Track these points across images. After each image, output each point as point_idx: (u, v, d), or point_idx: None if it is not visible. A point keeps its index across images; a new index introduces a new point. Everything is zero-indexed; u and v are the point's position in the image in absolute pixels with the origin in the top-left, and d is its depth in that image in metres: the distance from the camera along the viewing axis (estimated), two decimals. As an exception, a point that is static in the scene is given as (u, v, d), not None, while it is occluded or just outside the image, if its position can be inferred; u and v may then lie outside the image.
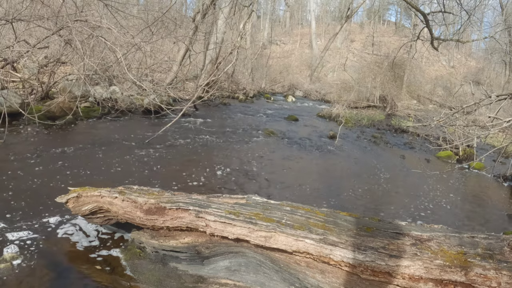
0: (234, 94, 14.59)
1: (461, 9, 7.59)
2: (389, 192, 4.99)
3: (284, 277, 2.01)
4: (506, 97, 4.27)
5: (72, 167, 4.18)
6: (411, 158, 7.34)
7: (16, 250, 2.40)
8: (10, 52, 6.03)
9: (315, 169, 5.65)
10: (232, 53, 11.60)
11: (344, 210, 2.98)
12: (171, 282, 2.19)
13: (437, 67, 29.07)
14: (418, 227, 1.99)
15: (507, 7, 18.58)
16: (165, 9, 10.16)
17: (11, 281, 2.10)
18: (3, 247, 2.42)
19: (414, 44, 12.89)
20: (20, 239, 2.54)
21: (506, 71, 22.74)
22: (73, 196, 2.61)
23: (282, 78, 22.53)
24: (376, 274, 1.78)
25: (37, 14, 6.14)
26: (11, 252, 2.35)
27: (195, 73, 13.84)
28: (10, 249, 2.40)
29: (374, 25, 33.58)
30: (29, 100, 6.40)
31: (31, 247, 2.46)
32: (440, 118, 5.14)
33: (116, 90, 8.17)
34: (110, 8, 6.81)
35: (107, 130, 6.26)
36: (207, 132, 7.18)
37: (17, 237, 2.57)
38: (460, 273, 1.64)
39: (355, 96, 15.29)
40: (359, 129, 10.30)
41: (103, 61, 7.78)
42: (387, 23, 39.46)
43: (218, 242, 2.25)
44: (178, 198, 2.37)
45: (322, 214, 2.11)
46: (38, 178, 3.72)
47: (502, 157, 7.62)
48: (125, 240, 2.68)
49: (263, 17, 34.08)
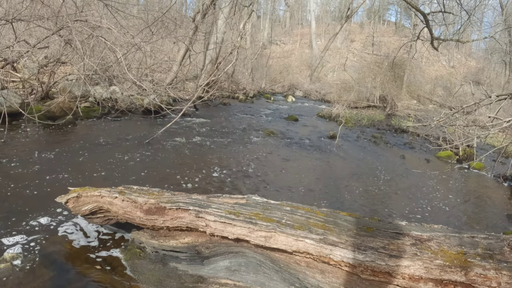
0: (234, 94, 14.59)
1: (461, 9, 7.59)
2: (389, 192, 4.99)
3: (284, 277, 2.01)
4: (506, 97, 4.27)
5: (72, 167, 4.17)
6: (411, 158, 7.34)
7: (16, 250, 2.40)
8: (10, 52, 6.03)
9: (315, 169, 5.65)
10: (232, 53, 11.61)
11: (344, 210, 2.98)
12: (171, 282, 2.19)
13: (437, 67, 29.07)
14: (418, 227, 1.99)
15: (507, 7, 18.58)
16: (165, 9, 10.16)
17: (11, 281, 2.10)
18: (3, 247, 2.42)
19: (414, 44, 12.89)
20: (20, 239, 2.54)
21: (506, 71, 22.75)
22: (73, 196, 2.61)
23: (282, 78, 22.55)
24: (376, 274, 1.78)
25: (37, 14, 6.15)
26: (11, 252, 2.35)
27: (195, 73, 13.84)
28: (10, 249, 2.40)
29: (374, 25, 33.58)
30: (29, 100, 6.40)
31: (31, 247, 2.46)
32: (440, 118, 5.14)
33: (116, 90, 8.17)
34: (110, 8, 6.81)
35: (107, 130, 6.26)
36: (207, 132, 7.18)
37: (17, 237, 2.57)
38: (460, 273, 1.64)
39: (355, 96, 15.30)
40: (359, 129, 10.30)
41: (103, 61, 7.78)
42: (387, 23, 39.47)
43: (218, 242, 2.25)
44: (178, 198, 2.37)
45: (322, 214, 2.11)
46: (38, 178, 3.72)
47: (502, 157, 7.62)
48: (125, 240, 2.68)
49: (263, 17, 34.08)
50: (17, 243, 2.49)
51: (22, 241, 2.52)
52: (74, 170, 4.08)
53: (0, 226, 2.69)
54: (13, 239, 2.54)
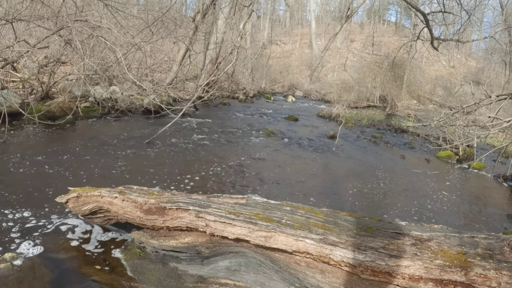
0: (234, 94, 14.59)
1: (461, 9, 7.58)
2: (389, 192, 4.99)
3: (284, 277, 2.01)
4: (506, 97, 4.27)
5: (72, 167, 4.17)
6: (411, 158, 7.34)
7: (16, 250, 2.40)
8: (10, 52, 6.04)
9: (315, 169, 5.65)
10: (232, 53, 11.61)
11: (344, 210, 2.98)
12: (171, 282, 2.19)
13: (437, 67, 29.08)
14: (418, 227, 1.99)
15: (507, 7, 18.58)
16: (165, 9, 10.17)
17: (11, 281, 2.10)
18: (3, 247, 2.42)
19: (414, 44, 12.89)
20: (20, 239, 2.54)
21: (506, 71, 22.76)
22: (73, 196, 2.61)
23: (282, 78, 22.56)
24: (376, 274, 1.78)
25: (37, 14, 6.15)
26: (11, 252, 2.35)
27: (195, 73, 13.84)
28: (10, 249, 2.40)
29: (374, 25, 33.59)
30: (29, 100, 6.40)
31: (31, 247, 2.46)
32: (440, 118, 5.15)
33: (116, 90, 8.17)
34: (110, 8, 6.81)
35: (107, 130, 6.26)
36: (207, 132, 7.18)
37: (17, 237, 2.57)
38: (460, 273, 1.64)
39: (355, 96, 15.31)
40: (359, 129, 10.30)
41: (103, 61, 7.79)
42: (387, 23, 39.48)
43: (218, 242, 2.25)
44: (178, 198, 2.36)
45: (322, 214, 2.11)
46: (38, 178, 3.72)
47: (502, 157, 7.62)
48: (125, 240, 2.68)
49: (263, 17, 34.09)
50: (17, 243, 2.49)
51: (22, 241, 2.52)
52: (74, 170, 4.08)
53: (0, 226, 2.69)
54: (13, 239, 2.54)
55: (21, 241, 2.52)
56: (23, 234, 2.62)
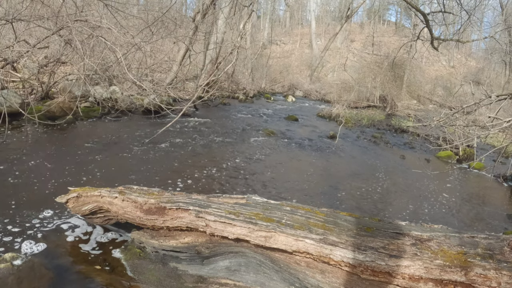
0: (234, 94, 14.58)
1: (461, 9, 7.58)
2: (389, 192, 4.99)
3: (284, 277, 2.01)
4: (506, 97, 4.27)
5: (72, 167, 4.17)
6: (411, 158, 7.34)
7: (16, 250, 2.40)
8: (10, 52, 6.04)
9: (315, 169, 5.65)
10: (232, 53, 11.61)
11: (344, 210, 2.98)
12: (171, 282, 2.19)
13: (437, 67, 29.08)
14: (418, 227, 1.99)
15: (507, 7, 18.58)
16: (165, 9, 10.17)
17: (11, 281, 2.10)
18: (3, 247, 2.42)
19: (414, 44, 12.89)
20: (20, 239, 2.54)
21: (506, 71, 22.76)
22: (73, 196, 2.61)
23: (282, 78, 22.56)
24: (376, 274, 1.78)
25: (37, 14, 6.15)
26: (11, 252, 2.35)
27: (195, 73, 13.84)
28: (10, 249, 2.40)
29: (374, 25, 33.58)
30: (29, 100, 6.39)
31: (31, 247, 2.46)
32: (440, 118, 5.15)
33: (116, 90, 8.17)
34: (110, 8, 6.81)
35: (107, 130, 6.26)
36: (207, 132, 7.18)
37: (17, 237, 2.57)
38: (460, 273, 1.64)
39: (355, 96, 15.32)
40: (359, 129, 10.30)
41: (103, 61, 7.79)
42: (387, 23, 39.47)
43: (218, 242, 2.24)
44: (178, 198, 2.36)
45: (322, 214, 2.11)
46: (38, 178, 3.72)
47: (502, 157, 7.62)
48: (125, 240, 2.68)
49: (263, 17, 34.09)
50: (17, 243, 2.49)
51: (22, 241, 2.52)
52: (74, 170, 4.08)
53: (0, 226, 2.69)
54: (13, 239, 2.54)
55: (21, 241, 2.52)
56: (23, 234, 2.62)
